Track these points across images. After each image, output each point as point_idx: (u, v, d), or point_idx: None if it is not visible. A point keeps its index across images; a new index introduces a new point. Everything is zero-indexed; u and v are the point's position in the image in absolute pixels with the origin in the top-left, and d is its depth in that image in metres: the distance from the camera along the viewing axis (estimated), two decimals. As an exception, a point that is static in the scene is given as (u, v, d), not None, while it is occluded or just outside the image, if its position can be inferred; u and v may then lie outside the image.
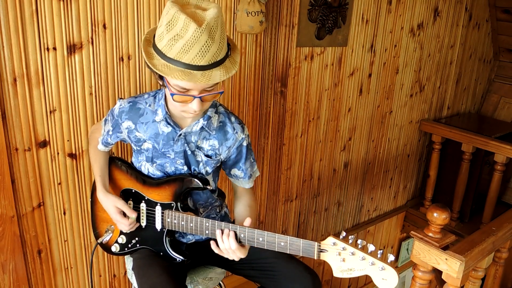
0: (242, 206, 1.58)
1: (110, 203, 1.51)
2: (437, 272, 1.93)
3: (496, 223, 1.99)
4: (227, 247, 1.34)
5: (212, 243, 1.38)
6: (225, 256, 1.38)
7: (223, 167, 1.59)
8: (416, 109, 3.40)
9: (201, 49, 1.17)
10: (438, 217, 1.80)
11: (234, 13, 2.04)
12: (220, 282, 1.80)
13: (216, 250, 1.38)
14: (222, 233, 1.35)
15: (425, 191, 3.62)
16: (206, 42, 1.17)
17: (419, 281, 1.92)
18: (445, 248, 1.82)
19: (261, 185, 2.55)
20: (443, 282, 1.86)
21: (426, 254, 1.83)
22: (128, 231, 1.56)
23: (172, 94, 1.26)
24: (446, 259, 1.76)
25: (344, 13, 2.48)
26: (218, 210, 1.65)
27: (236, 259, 1.37)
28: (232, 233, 1.34)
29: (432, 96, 3.48)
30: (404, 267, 3.96)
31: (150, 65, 1.21)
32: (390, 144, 3.31)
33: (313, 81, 2.53)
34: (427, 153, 3.71)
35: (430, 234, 1.85)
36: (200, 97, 1.26)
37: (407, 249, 3.89)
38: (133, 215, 1.52)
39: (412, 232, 1.91)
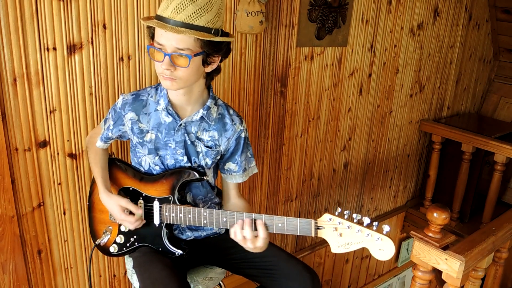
0: (242, 210, 1.58)
1: (113, 203, 1.51)
2: (437, 272, 1.93)
3: (496, 223, 1.99)
4: (248, 236, 1.33)
5: (231, 231, 1.37)
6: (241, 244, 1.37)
7: (219, 161, 1.60)
8: (416, 109, 3.40)
9: (178, 5, 1.25)
10: (438, 217, 1.80)
11: (234, 13, 2.04)
12: (220, 282, 1.80)
13: (232, 236, 1.37)
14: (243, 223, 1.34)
15: (425, 191, 3.62)
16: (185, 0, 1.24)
17: (419, 281, 1.93)
18: (445, 248, 1.82)
19: (261, 185, 2.55)
20: (443, 282, 1.87)
21: (426, 254, 1.83)
22: (136, 227, 1.54)
23: (148, 47, 1.34)
24: (446, 259, 1.76)
25: (344, 13, 2.48)
26: (217, 208, 1.66)
27: (254, 249, 1.36)
28: (248, 221, 1.33)
29: (432, 96, 3.48)
30: (404, 267, 3.96)
31: (143, 22, 1.33)
32: (390, 144, 3.31)
33: (313, 81, 2.53)
34: (427, 153, 3.71)
35: (430, 234, 1.85)
36: (169, 55, 1.29)
37: (407, 249, 3.89)
38: (139, 211, 1.52)
39: (412, 232, 1.91)
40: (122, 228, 1.60)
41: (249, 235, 1.33)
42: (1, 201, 1.65)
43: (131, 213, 1.52)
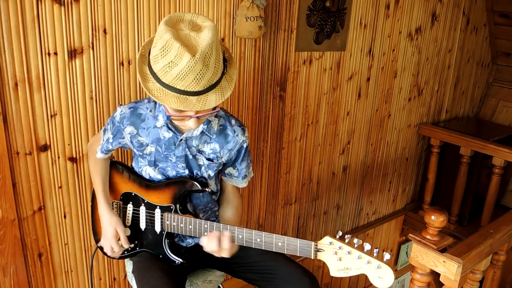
0: (231, 209, 1.61)
1: (111, 224, 1.52)
2: (435, 275, 1.93)
3: (494, 226, 2.00)
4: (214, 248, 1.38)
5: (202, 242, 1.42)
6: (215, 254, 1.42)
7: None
8: (415, 113, 3.41)
9: (196, 77, 1.19)
10: (435, 219, 1.81)
11: (233, 18, 2.06)
12: (220, 285, 1.81)
13: (201, 242, 1.42)
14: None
15: (424, 194, 3.63)
16: (201, 70, 1.19)
17: (417, 283, 1.93)
18: (443, 250, 1.83)
19: (260, 189, 2.56)
20: (441, 284, 1.87)
21: (424, 257, 1.84)
22: (109, 255, 1.59)
23: (168, 116, 1.31)
24: (444, 261, 1.77)
25: (342, 17, 2.50)
26: (217, 214, 1.66)
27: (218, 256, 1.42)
28: (216, 233, 1.39)
29: (430, 99, 3.50)
30: (404, 270, 3.97)
31: (145, 89, 1.24)
32: (389, 148, 3.33)
33: (311, 85, 2.55)
34: (426, 157, 3.72)
35: (428, 237, 1.86)
36: (197, 117, 1.29)
37: (406, 252, 3.90)
38: (126, 245, 1.55)
39: (410, 234, 1.92)
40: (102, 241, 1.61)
41: (215, 247, 1.38)
42: (2, 204, 1.66)
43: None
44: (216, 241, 1.36)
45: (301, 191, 2.80)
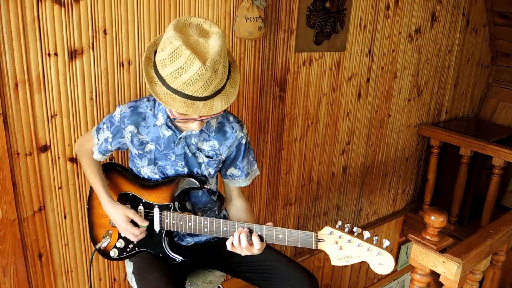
0: (243, 213, 1.60)
1: (119, 213, 1.51)
2: (435, 275, 1.94)
3: (494, 226, 2.00)
4: (244, 246, 1.35)
5: (228, 243, 1.39)
6: (239, 252, 1.39)
7: (221, 168, 1.61)
8: (414, 113, 3.42)
9: (205, 83, 1.21)
10: (435, 220, 1.81)
11: (233, 19, 2.06)
12: (220, 285, 1.81)
13: (229, 248, 1.39)
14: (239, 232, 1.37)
15: (424, 195, 3.63)
16: (210, 77, 1.21)
17: (417, 284, 1.93)
18: (442, 251, 1.83)
19: (260, 189, 2.56)
20: (441, 284, 1.88)
21: (424, 257, 1.84)
22: (137, 240, 1.55)
23: (174, 119, 1.33)
24: (443, 261, 1.77)
25: (342, 18, 2.50)
26: (217, 213, 1.67)
27: (250, 254, 1.38)
28: (245, 230, 1.36)
29: (430, 100, 3.50)
30: (404, 271, 3.97)
31: (152, 92, 1.25)
32: (389, 148, 3.33)
33: (311, 86, 2.55)
34: (426, 157, 3.73)
35: (428, 237, 1.86)
36: (201, 120, 1.31)
37: (406, 253, 3.90)
38: (144, 223, 1.52)
39: (410, 235, 1.92)
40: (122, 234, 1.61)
41: (244, 244, 1.35)
42: (3, 205, 1.66)
43: (135, 224, 1.52)
44: (245, 240, 1.35)
45: (301, 191, 2.81)
